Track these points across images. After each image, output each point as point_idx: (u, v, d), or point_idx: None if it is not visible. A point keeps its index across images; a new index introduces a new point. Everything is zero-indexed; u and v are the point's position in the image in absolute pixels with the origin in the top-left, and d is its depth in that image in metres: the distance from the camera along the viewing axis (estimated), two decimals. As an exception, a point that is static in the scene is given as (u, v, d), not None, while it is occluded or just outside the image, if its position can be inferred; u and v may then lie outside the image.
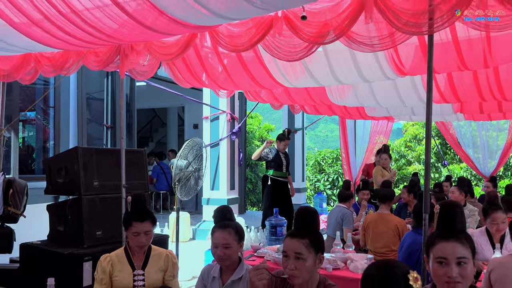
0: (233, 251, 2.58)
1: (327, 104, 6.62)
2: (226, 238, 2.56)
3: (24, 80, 4.70)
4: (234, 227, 2.62)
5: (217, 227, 2.63)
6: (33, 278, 4.19)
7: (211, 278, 2.70)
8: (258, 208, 14.30)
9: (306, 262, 2.12)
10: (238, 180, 9.51)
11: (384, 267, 1.57)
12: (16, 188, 4.81)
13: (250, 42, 3.53)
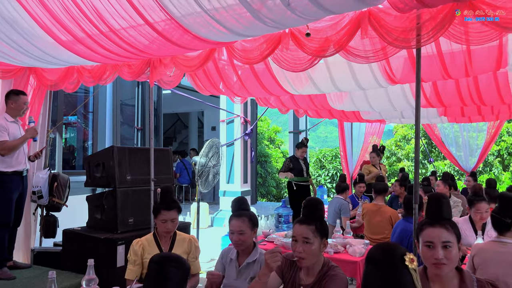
0: (247, 237, 2.59)
1: (327, 108, 6.61)
2: (240, 225, 2.57)
3: (68, 89, 4.74)
4: (248, 215, 2.62)
5: (233, 216, 2.64)
6: (73, 259, 4.21)
7: (229, 260, 2.71)
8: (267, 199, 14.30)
9: (313, 246, 2.13)
10: (250, 175, 9.53)
11: (386, 249, 1.57)
12: (60, 181, 4.82)
13: (261, 55, 3.54)
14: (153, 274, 1.66)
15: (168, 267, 1.65)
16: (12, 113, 4.08)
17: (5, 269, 3.91)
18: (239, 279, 2.61)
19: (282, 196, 14.35)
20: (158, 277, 1.65)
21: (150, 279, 1.66)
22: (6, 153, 3.90)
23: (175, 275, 1.65)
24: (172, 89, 5.75)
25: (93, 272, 2.22)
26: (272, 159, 15.16)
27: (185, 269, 1.70)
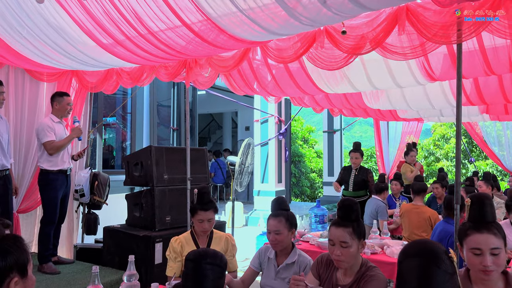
0: (284, 237, 2.57)
1: (363, 107, 6.51)
2: (277, 225, 2.56)
3: (107, 90, 4.90)
4: (285, 215, 2.60)
5: (271, 215, 2.63)
6: (113, 256, 4.33)
7: (267, 258, 2.71)
8: (301, 199, 14.23)
9: (351, 249, 2.09)
10: (285, 174, 9.52)
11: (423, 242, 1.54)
12: (100, 180, 4.97)
13: (296, 54, 3.53)
14: (190, 272, 1.65)
15: (204, 264, 1.64)
16: (57, 114, 4.26)
17: (51, 263, 4.08)
18: (277, 279, 2.61)
19: (316, 196, 14.23)
20: (195, 274, 1.64)
21: (187, 277, 1.66)
22: (54, 153, 4.08)
23: (212, 271, 1.64)
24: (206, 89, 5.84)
25: (133, 267, 2.28)
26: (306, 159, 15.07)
27: (222, 265, 1.69)
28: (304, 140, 15.96)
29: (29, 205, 4.56)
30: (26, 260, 1.14)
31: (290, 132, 11.39)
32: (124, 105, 7.67)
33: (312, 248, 3.88)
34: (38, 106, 4.70)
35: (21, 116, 4.52)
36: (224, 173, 11.18)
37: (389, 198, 6.27)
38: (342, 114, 7.91)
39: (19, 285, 1.10)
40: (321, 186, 14.44)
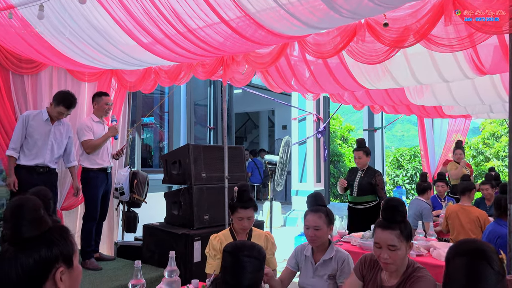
0: (323, 233, 2.56)
1: (406, 103, 6.36)
2: (316, 221, 2.55)
3: (146, 90, 5.05)
4: (324, 211, 2.60)
5: (309, 211, 2.62)
6: (153, 253, 4.44)
7: (303, 257, 2.71)
8: (340, 200, 14.07)
9: (399, 251, 2.06)
10: (324, 174, 9.45)
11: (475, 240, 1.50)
12: (139, 179, 5.11)
13: (335, 49, 3.51)
14: (228, 265, 1.67)
15: (242, 257, 1.65)
16: (97, 114, 4.43)
17: (93, 260, 4.25)
18: (316, 277, 2.61)
19: (356, 197, 14.00)
20: (233, 267, 1.65)
21: (225, 270, 1.68)
22: (91, 152, 4.26)
23: (250, 264, 1.64)
24: (243, 87, 5.89)
25: (174, 263, 2.34)
26: (345, 158, 14.87)
27: (260, 257, 1.68)
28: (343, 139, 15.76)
29: (72, 203, 4.77)
30: (71, 251, 1.19)
31: (328, 130, 11.29)
32: (161, 104, 7.86)
33: (354, 249, 3.84)
34: (80, 106, 4.90)
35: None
36: (262, 172, 11.22)
37: (434, 199, 6.09)
38: (384, 111, 7.76)
39: (65, 275, 1.15)
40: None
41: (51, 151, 4.04)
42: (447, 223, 4.72)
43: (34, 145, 3.96)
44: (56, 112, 4.00)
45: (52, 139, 4.04)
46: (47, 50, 3.80)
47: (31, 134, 3.94)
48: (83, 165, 4.31)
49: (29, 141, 3.94)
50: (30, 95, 4.43)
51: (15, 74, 4.33)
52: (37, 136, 3.96)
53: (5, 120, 4.21)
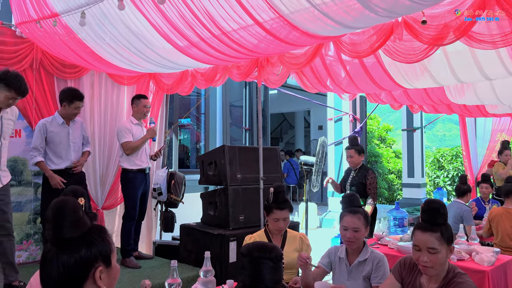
0: (361, 235, 2.53)
1: (446, 103, 6.15)
2: (355, 222, 2.51)
3: (183, 92, 5.15)
4: (362, 212, 2.57)
5: (347, 212, 2.59)
6: (190, 252, 4.52)
7: (337, 259, 2.67)
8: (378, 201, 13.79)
9: (439, 254, 2.01)
10: (360, 175, 9.29)
11: None
12: (177, 179, 5.21)
13: (371, 48, 3.45)
14: (245, 267, 1.66)
15: (257, 258, 1.64)
16: (136, 116, 4.56)
17: (132, 258, 4.38)
18: (351, 279, 2.57)
19: (394, 199, 13.71)
20: (249, 269, 1.64)
21: (243, 272, 1.67)
22: (130, 153, 4.38)
23: (266, 265, 1.63)
24: (278, 88, 5.89)
25: (209, 264, 2.37)
26: (383, 159, 14.56)
27: (272, 257, 1.66)
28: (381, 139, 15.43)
29: (112, 202, 4.93)
30: (109, 250, 1.23)
31: (365, 130, 11.10)
32: (198, 106, 7.99)
33: (391, 252, 3.76)
34: (119, 108, 5.08)
35: (104, 118, 4.90)
36: (297, 173, 11.17)
37: (478, 202, 5.86)
38: (423, 111, 7.53)
39: (104, 274, 1.20)
40: (400, 188, 13.87)
41: (74, 151, 4.16)
42: (490, 227, 4.53)
43: (59, 150, 4.06)
44: (73, 109, 4.05)
45: (72, 141, 4.15)
46: (88, 55, 3.94)
47: (53, 141, 4.04)
48: (123, 166, 4.44)
49: (52, 148, 4.05)
50: (73, 99, 4.61)
51: (59, 79, 4.54)
52: (59, 140, 4.06)
53: (50, 123, 4.41)
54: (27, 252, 4.38)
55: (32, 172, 4.41)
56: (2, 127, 3.40)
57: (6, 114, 3.44)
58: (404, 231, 5.29)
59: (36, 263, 4.35)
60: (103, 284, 1.19)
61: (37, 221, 4.44)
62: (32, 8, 3.45)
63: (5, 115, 3.44)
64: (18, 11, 3.71)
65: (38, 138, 3.99)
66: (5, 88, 3.30)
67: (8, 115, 3.47)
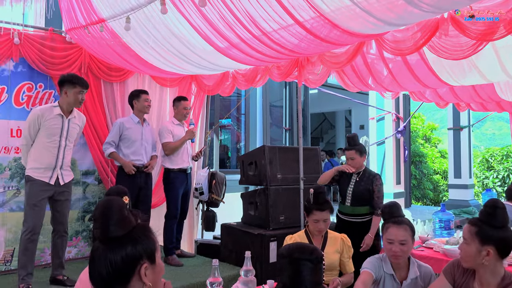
0: (409, 248, 2.35)
1: (496, 100, 5.87)
2: (402, 234, 2.34)
3: (224, 93, 5.21)
4: (408, 223, 2.40)
5: (391, 223, 2.42)
6: (231, 252, 4.56)
7: (382, 273, 2.42)
8: (422, 202, 13.39)
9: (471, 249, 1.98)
10: (404, 176, 9.05)
11: None
12: (218, 179, 5.26)
13: (416, 45, 3.35)
14: (284, 268, 1.64)
15: (296, 259, 1.62)
16: (177, 117, 4.66)
17: (175, 256, 4.47)
18: None
19: (440, 200, 13.25)
20: (289, 270, 1.62)
21: (283, 274, 1.65)
22: (169, 153, 4.49)
23: (305, 266, 1.61)
24: (318, 88, 5.83)
25: (250, 263, 2.38)
26: (428, 159, 14.12)
27: (312, 258, 1.64)
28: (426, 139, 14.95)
29: (156, 201, 5.05)
30: (154, 248, 1.27)
31: (409, 130, 10.80)
32: (238, 106, 8.05)
33: (437, 256, 3.63)
34: (162, 110, 5.21)
35: (148, 119, 5.03)
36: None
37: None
38: (470, 109, 7.22)
39: (148, 271, 1.23)
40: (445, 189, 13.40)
41: (144, 151, 4.41)
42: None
43: (132, 148, 4.31)
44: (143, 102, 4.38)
45: (144, 140, 4.41)
46: (133, 59, 4.07)
47: (128, 138, 4.30)
48: (165, 166, 4.55)
49: (126, 145, 4.30)
50: (118, 101, 4.78)
51: (105, 82, 4.71)
52: (134, 138, 4.32)
53: (98, 126, 4.60)
54: (76, 248, 4.58)
55: (81, 172, 4.60)
56: (68, 129, 3.66)
57: (74, 118, 3.70)
58: (451, 234, 5.10)
59: (84, 258, 4.54)
60: (148, 281, 1.22)
61: (86, 218, 4.62)
62: (80, 14, 3.60)
63: (73, 119, 3.70)
64: (68, 18, 3.88)
65: (114, 134, 4.30)
66: (70, 86, 3.59)
67: (76, 119, 3.73)
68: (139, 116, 4.42)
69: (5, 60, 4.03)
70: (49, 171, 3.56)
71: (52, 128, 3.55)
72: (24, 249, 3.46)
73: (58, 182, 3.60)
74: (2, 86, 4.07)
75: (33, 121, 3.52)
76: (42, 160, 3.54)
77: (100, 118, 4.63)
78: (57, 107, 3.61)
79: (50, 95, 4.35)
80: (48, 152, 3.56)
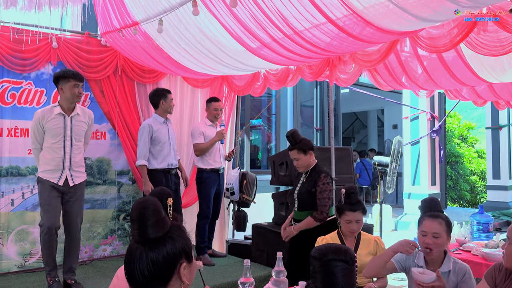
0: (442, 242, 2.32)
1: (539, 98, 5.62)
2: (436, 227, 2.31)
3: (255, 93, 5.22)
4: (444, 218, 2.37)
5: (427, 216, 2.39)
6: (261, 252, 4.55)
7: (415, 266, 2.43)
8: (459, 204, 12.99)
9: None
10: (439, 176, 8.81)
11: None
12: (249, 179, 5.26)
13: (452, 42, 3.24)
14: (317, 270, 1.61)
15: (330, 261, 1.59)
16: (209, 118, 4.70)
17: (207, 255, 4.51)
18: None
19: (478, 202, 12.81)
20: (322, 273, 1.60)
21: (315, 276, 1.63)
22: (199, 154, 4.54)
23: (340, 268, 1.58)
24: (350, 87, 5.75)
25: (281, 264, 2.36)
26: (465, 159, 13.68)
27: (348, 259, 1.61)
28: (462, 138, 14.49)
29: (188, 201, 5.11)
30: (190, 247, 1.29)
31: (445, 129, 10.50)
32: (269, 106, 8.05)
33: (475, 259, 3.51)
34: (194, 111, 5.27)
35: (180, 120, 5.12)
36: (370, 174, 10.84)
37: None
38: (510, 107, 6.95)
39: (186, 269, 1.25)
40: (483, 190, 12.94)
41: (173, 150, 4.45)
42: None
43: (162, 149, 4.35)
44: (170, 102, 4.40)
45: (171, 139, 4.44)
46: (165, 60, 4.13)
47: (159, 140, 4.32)
48: (197, 166, 4.61)
49: (157, 147, 4.33)
50: (152, 102, 4.87)
51: (139, 84, 4.81)
52: (163, 139, 4.35)
53: (132, 126, 4.70)
54: (111, 247, 4.69)
55: (115, 171, 4.71)
56: (72, 128, 3.57)
57: (77, 116, 3.61)
58: (489, 237, 4.92)
59: (119, 257, 4.65)
60: (186, 279, 1.24)
61: (120, 217, 4.73)
62: (115, 18, 3.69)
63: (76, 116, 3.61)
64: (103, 22, 3.99)
65: (145, 140, 4.26)
66: (64, 81, 3.50)
67: (80, 117, 3.64)
68: (163, 116, 4.43)
69: (44, 63, 4.18)
70: (58, 172, 3.51)
71: (54, 128, 3.49)
72: (44, 248, 3.48)
73: (67, 183, 3.53)
74: (41, 88, 4.23)
75: (35, 124, 3.49)
76: (50, 162, 3.50)
77: (134, 119, 4.73)
78: (57, 107, 3.54)
79: (86, 97, 4.48)
80: (55, 153, 3.50)
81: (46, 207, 3.47)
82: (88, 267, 4.32)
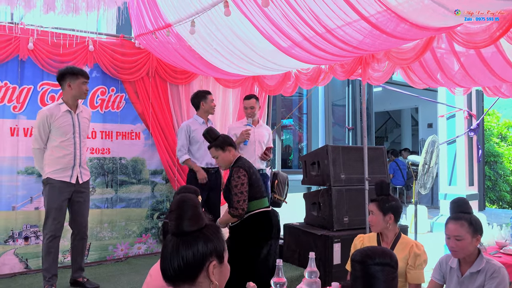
0: (466, 244, 2.29)
1: None
2: (458, 229, 2.29)
3: (286, 93, 5.20)
4: (468, 219, 2.32)
5: (450, 218, 2.38)
6: (293, 252, 4.52)
7: (449, 268, 2.47)
8: (498, 206, 12.51)
9: None
10: (477, 177, 8.50)
11: None
12: (280, 179, 5.22)
13: (492, 38, 3.10)
14: (358, 274, 1.59)
15: (373, 265, 1.56)
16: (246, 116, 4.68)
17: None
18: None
19: (518, 203, 12.30)
20: (364, 277, 1.57)
21: (356, 280, 1.60)
22: None
23: (383, 272, 1.55)
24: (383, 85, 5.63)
25: (314, 265, 2.33)
26: (504, 159, 13.16)
27: (392, 264, 1.58)
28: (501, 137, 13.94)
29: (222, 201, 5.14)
30: (223, 248, 1.29)
31: (483, 128, 10.14)
32: (300, 106, 8.00)
33: (516, 263, 3.36)
34: (225, 111, 5.30)
35: (213, 120, 5.14)
36: (404, 174, 10.59)
37: None
38: (555, 104, 6.63)
39: (216, 269, 1.25)
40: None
41: None
42: None
43: (201, 149, 4.38)
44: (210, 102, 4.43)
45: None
46: (198, 61, 4.17)
47: (197, 140, 4.36)
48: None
49: (195, 147, 4.39)
50: (184, 103, 4.93)
51: (172, 85, 4.88)
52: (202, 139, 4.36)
53: (165, 127, 4.78)
54: (146, 245, 4.78)
55: (149, 171, 4.80)
56: (80, 124, 3.53)
57: (81, 113, 3.58)
58: (532, 240, 4.71)
59: (153, 255, 4.73)
60: (215, 279, 1.24)
61: (154, 216, 4.81)
62: (149, 21, 3.75)
63: (81, 113, 3.57)
64: (137, 25, 4.07)
65: (183, 139, 4.37)
66: (73, 78, 3.44)
67: (83, 113, 3.61)
68: (204, 116, 4.48)
69: (81, 66, 4.29)
70: (69, 170, 3.46)
71: (63, 126, 3.42)
72: (47, 253, 3.40)
73: (77, 181, 3.51)
74: (79, 91, 4.35)
75: (42, 122, 3.38)
76: (60, 160, 3.42)
77: (167, 119, 4.80)
78: (63, 104, 3.46)
79: (121, 98, 4.58)
80: (65, 150, 3.44)
81: (54, 214, 3.40)
82: (123, 264, 4.41)
